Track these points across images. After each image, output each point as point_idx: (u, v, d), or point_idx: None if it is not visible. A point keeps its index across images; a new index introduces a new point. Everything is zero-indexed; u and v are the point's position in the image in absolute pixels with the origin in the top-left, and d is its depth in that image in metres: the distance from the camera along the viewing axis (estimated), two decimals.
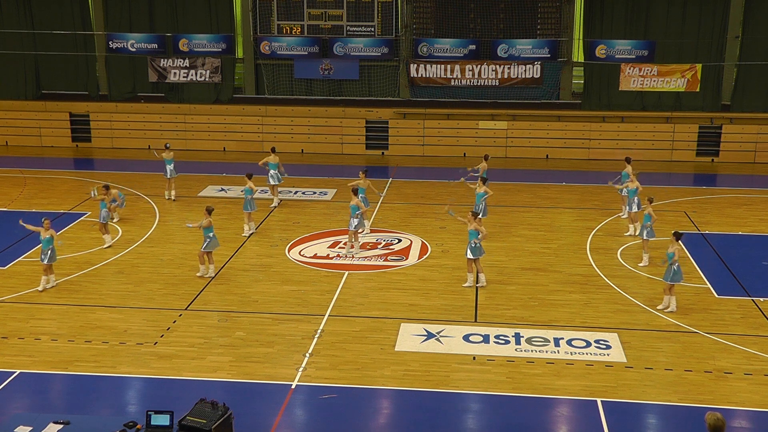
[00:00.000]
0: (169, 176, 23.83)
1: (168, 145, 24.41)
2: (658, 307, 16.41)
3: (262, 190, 23.64)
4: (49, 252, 17.15)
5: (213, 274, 18.11)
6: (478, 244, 17.23)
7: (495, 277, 18.14)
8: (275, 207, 23.35)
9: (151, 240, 20.58)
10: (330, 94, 31.70)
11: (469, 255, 17.34)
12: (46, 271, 17.30)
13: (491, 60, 30.37)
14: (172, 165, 23.84)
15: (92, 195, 20.69)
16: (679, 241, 16.44)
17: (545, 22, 30.56)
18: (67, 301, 16.72)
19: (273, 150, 23.99)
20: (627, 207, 21.52)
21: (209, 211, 18.03)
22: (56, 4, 31.63)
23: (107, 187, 20.61)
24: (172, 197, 23.93)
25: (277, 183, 23.50)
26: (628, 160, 22.53)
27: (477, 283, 17.55)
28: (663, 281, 16.48)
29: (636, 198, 20.90)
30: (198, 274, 18.05)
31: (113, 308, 16.42)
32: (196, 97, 31.86)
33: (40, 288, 17.19)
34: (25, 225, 17.90)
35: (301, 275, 18.30)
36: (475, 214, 17.62)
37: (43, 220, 17.55)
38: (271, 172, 23.36)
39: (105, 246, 19.78)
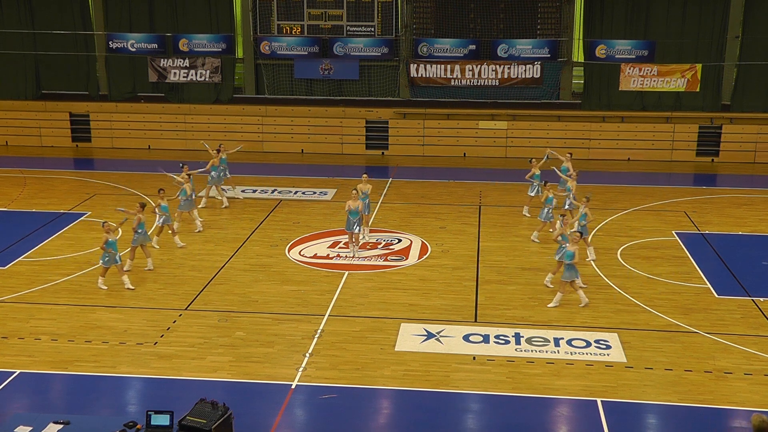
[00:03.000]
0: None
1: (220, 146, 24.21)
2: (580, 305, 16.49)
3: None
4: (107, 256, 17.07)
5: (151, 267, 18.30)
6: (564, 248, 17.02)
7: (495, 277, 18.14)
8: (226, 207, 23.28)
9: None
10: (330, 94, 31.70)
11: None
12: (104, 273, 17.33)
13: (491, 60, 30.37)
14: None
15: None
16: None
17: (545, 22, 30.56)
18: (67, 301, 16.72)
19: (218, 150, 23.67)
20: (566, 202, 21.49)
21: (142, 207, 18.15)
22: (56, 4, 31.63)
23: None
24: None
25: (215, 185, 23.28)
26: (570, 155, 22.96)
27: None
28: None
29: (572, 194, 20.75)
30: (125, 268, 17.97)
31: (113, 308, 16.42)
32: (196, 97, 31.87)
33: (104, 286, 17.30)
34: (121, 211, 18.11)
35: (301, 275, 18.30)
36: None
37: (104, 223, 17.32)
38: (212, 173, 23.16)
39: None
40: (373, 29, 30.45)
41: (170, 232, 19.99)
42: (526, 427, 12.31)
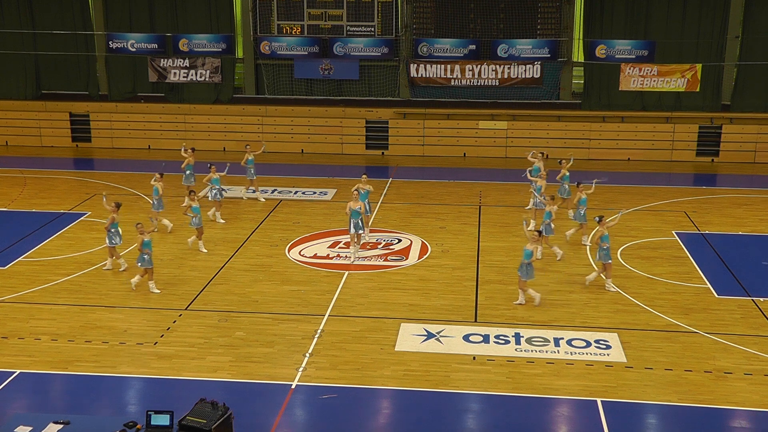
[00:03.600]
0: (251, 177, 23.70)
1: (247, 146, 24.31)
2: (515, 302, 16.57)
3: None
4: (146, 257, 16.94)
5: (110, 267, 18.26)
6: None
7: (495, 277, 18.14)
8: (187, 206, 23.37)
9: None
10: (330, 94, 31.70)
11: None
12: (145, 273, 17.18)
13: (491, 60, 30.37)
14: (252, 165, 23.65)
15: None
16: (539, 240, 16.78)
17: (545, 22, 30.56)
18: (67, 301, 16.72)
19: (192, 149, 23.78)
20: (532, 201, 21.43)
21: (117, 206, 18.22)
22: (56, 4, 31.64)
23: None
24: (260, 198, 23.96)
25: (189, 184, 23.33)
26: (543, 155, 23.16)
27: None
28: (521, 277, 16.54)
29: (542, 194, 20.76)
30: (105, 268, 18.21)
31: (113, 308, 16.42)
32: (196, 97, 31.87)
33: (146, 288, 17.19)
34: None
35: (301, 275, 18.30)
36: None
37: (137, 225, 17.18)
38: (187, 172, 23.22)
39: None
40: (373, 29, 30.45)
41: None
42: (526, 427, 12.31)
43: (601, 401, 12.89)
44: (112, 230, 18.05)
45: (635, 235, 21.04)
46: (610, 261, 17.34)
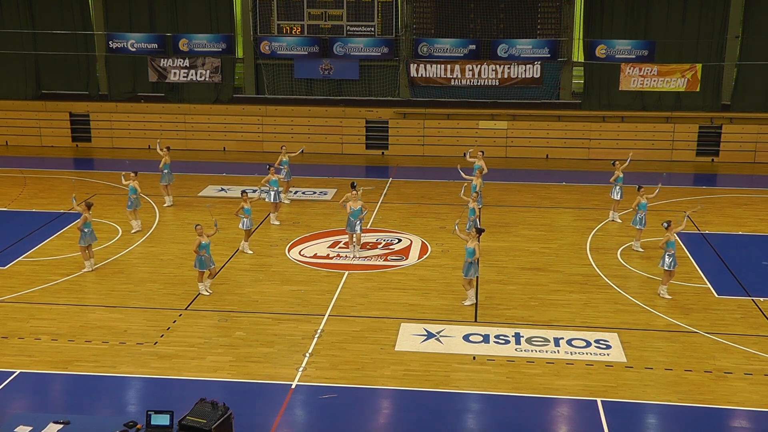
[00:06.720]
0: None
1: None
2: (465, 303, 16.51)
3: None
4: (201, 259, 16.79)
5: (90, 269, 18.21)
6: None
7: (495, 277, 18.14)
8: (170, 205, 23.31)
9: (151, 240, 20.59)
10: (330, 94, 31.69)
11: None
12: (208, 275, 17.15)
13: (491, 60, 30.36)
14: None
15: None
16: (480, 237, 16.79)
17: (545, 22, 30.55)
18: (67, 301, 16.72)
19: (168, 148, 23.70)
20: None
21: (89, 206, 18.18)
22: (56, 4, 31.62)
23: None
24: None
25: (168, 183, 23.26)
26: (482, 153, 23.41)
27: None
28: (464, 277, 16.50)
29: (476, 191, 20.79)
30: (85, 270, 18.21)
31: (113, 308, 16.42)
32: (196, 97, 31.86)
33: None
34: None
35: (301, 275, 18.30)
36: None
37: (196, 226, 16.94)
38: (165, 171, 23.11)
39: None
40: (373, 29, 30.44)
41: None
42: (526, 427, 12.31)
43: (601, 401, 12.90)
44: (86, 230, 17.98)
45: (635, 235, 21.01)
46: (673, 269, 16.91)
